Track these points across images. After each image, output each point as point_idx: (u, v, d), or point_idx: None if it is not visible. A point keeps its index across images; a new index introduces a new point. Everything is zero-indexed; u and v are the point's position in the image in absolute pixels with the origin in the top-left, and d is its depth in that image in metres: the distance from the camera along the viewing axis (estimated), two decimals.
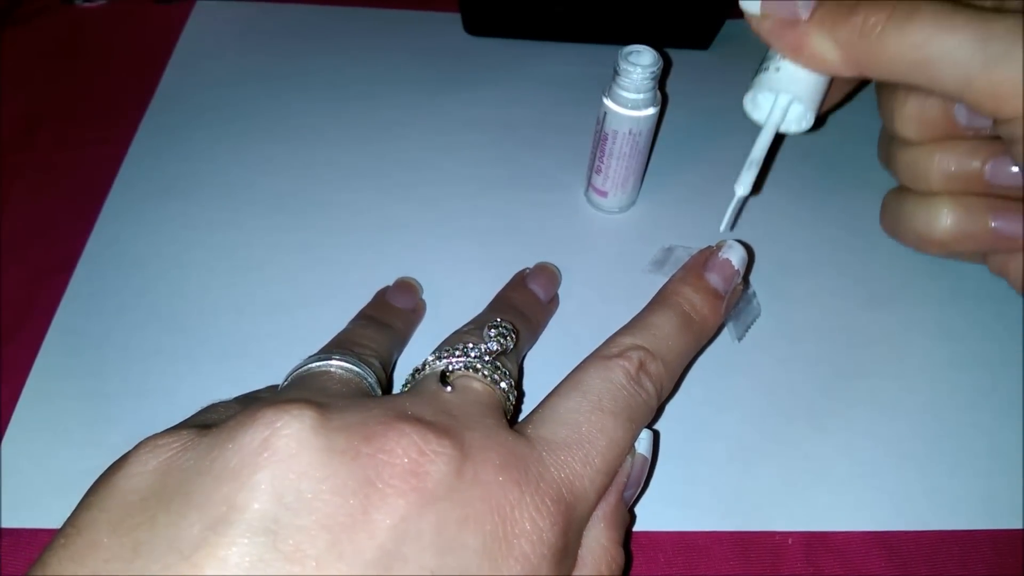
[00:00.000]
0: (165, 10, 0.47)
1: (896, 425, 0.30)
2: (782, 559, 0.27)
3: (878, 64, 0.25)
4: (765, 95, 0.29)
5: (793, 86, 0.27)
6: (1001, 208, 0.29)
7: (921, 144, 0.30)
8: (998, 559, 0.28)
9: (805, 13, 0.25)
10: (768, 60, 0.28)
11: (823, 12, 0.25)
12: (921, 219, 0.31)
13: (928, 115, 0.29)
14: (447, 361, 0.24)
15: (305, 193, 0.37)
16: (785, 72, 0.27)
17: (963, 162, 0.29)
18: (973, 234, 0.30)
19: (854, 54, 0.25)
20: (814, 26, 0.25)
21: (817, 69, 0.27)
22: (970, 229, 0.30)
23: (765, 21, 0.26)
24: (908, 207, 0.31)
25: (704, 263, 0.28)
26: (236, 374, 0.30)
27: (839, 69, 0.26)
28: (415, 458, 0.18)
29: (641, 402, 0.24)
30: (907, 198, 0.32)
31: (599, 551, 0.22)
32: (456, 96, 0.42)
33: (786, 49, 0.26)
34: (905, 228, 0.32)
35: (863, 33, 0.24)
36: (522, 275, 0.33)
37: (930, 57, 0.24)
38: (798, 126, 0.29)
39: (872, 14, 0.24)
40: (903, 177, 0.32)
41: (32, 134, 0.39)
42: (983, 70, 0.23)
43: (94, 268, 0.34)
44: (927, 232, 0.31)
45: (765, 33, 0.27)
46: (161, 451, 0.18)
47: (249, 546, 0.16)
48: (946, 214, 0.30)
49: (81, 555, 0.17)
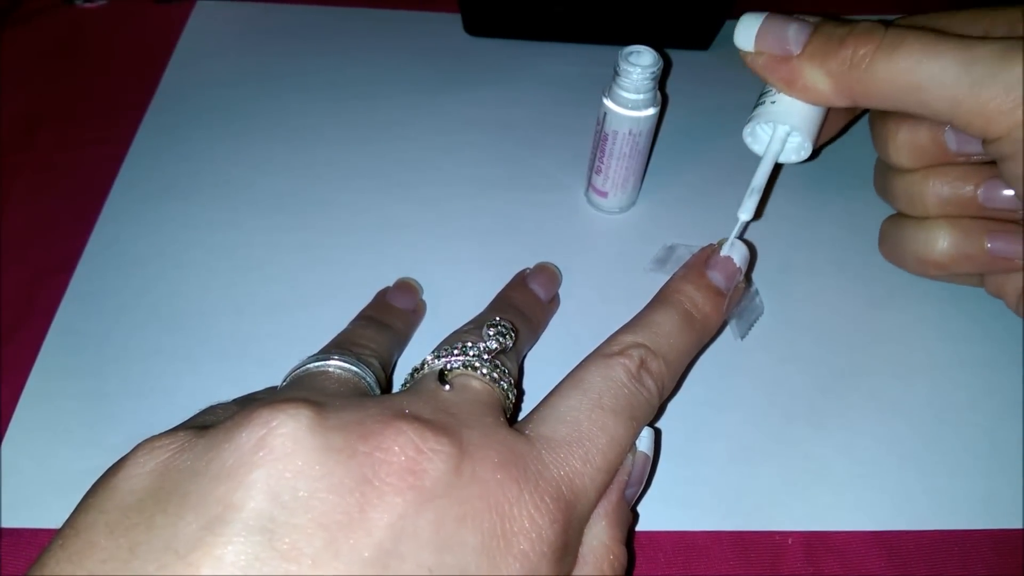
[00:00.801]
0: (165, 10, 0.47)
1: (896, 425, 0.30)
2: (782, 559, 0.27)
3: (869, 92, 0.26)
4: (763, 127, 0.30)
5: (790, 117, 0.28)
6: (997, 230, 0.30)
7: (915, 171, 0.31)
8: (998, 559, 0.27)
9: (797, 48, 0.27)
10: (765, 94, 0.29)
11: (814, 46, 0.26)
12: (919, 242, 0.31)
13: (919, 142, 0.30)
14: (446, 360, 0.24)
15: (305, 193, 0.37)
16: (781, 104, 0.28)
17: (956, 187, 0.30)
18: (970, 255, 0.30)
19: (846, 84, 0.26)
20: (806, 60, 0.27)
21: (811, 100, 0.28)
22: (967, 251, 0.30)
23: (759, 57, 0.27)
24: (906, 232, 0.32)
25: (706, 261, 0.28)
26: (236, 374, 0.30)
27: (832, 99, 0.27)
28: (412, 456, 0.18)
29: (642, 400, 0.24)
30: (905, 224, 0.32)
31: (601, 549, 0.22)
32: (456, 96, 0.42)
33: (780, 83, 0.28)
34: (904, 253, 0.33)
35: (853, 64, 0.26)
36: (522, 275, 0.33)
37: (918, 82, 0.25)
38: (797, 156, 0.30)
39: (861, 46, 0.25)
40: (900, 204, 0.32)
41: (32, 134, 0.39)
42: (970, 92, 0.24)
43: (94, 268, 0.34)
44: (925, 255, 0.31)
45: (759, 68, 0.28)
46: (159, 453, 0.18)
47: (245, 545, 0.16)
48: (943, 236, 0.31)
49: (78, 556, 0.17)
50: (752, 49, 0.27)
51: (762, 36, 0.27)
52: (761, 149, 0.30)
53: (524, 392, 0.29)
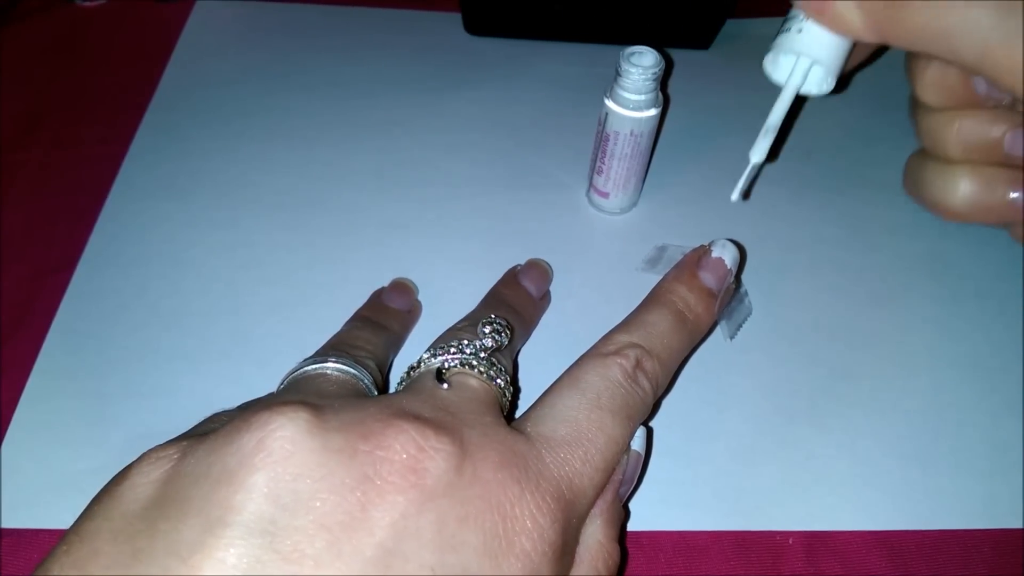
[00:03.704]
0: (165, 10, 0.47)
1: (896, 425, 0.30)
2: (782, 559, 0.27)
3: (899, 32, 0.25)
4: (786, 56, 0.28)
5: (815, 49, 0.26)
6: (1021, 180, 0.29)
7: (942, 111, 0.29)
8: (998, 559, 0.27)
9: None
10: (791, 20, 0.27)
11: None
12: (939, 187, 0.30)
13: (949, 82, 0.28)
14: (443, 358, 0.24)
15: (305, 193, 0.37)
16: (807, 34, 0.26)
17: (983, 131, 0.29)
18: (991, 206, 0.29)
19: (878, 20, 0.25)
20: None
21: (840, 32, 0.26)
22: (988, 201, 0.29)
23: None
24: (928, 173, 0.31)
25: (697, 262, 0.28)
26: (236, 374, 0.30)
27: (862, 34, 0.26)
28: (414, 454, 0.18)
29: (638, 400, 0.24)
30: (928, 163, 0.31)
31: (596, 548, 0.22)
32: (456, 96, 0.42)
33: (811, 9, 0.26)
34: (924, 193, 0.32)
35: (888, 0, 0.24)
36: (514, 271, 0.33)
37: (950, 27, 0.23)
38: (819, 89, 0.28)
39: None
40: (925, 142, 0.31)
41: (32, 134, 0.39)
42: (1001, 44, 0.23)
43: (94, 268, 0.34)
44: (944, 200, 0.30)
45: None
46: (163, 462, 0.19)
47: (246, 547, 0.16)
48: (964, 184, 0.30)
49: (82, 562, 0.17)
50: None
51: None
52: (782, 78, 0.28)
53: (520, 390, 0.29)
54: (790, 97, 0.28)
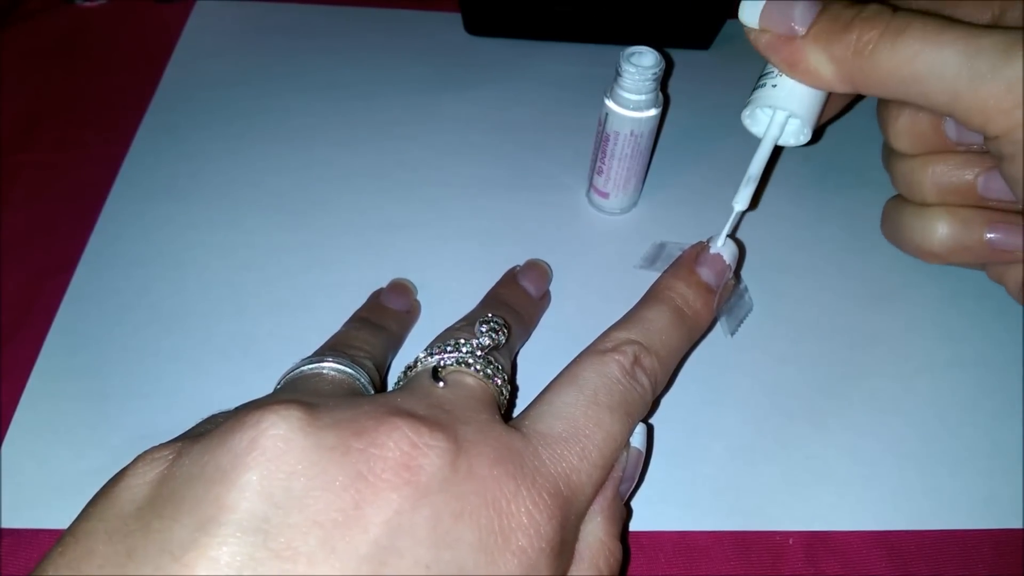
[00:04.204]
0: (165, 10, 0.47)
1: (896, 425, 0.30)
2: (782, 559, 0.27)
3: (871, 81, 0.25)
4: (763, 110, 0.29)
5: (790, 101, 0.27)
6: (997, 221, 0.29)
7: (915, 157, 0.30)
8: (998, 559, 0.27)
9: (802, 28, 0.26)
10: (765, 77, 0.28)
11: (819, 28, 0.26)
12: (917, 230, 0.31)
13: (920, 129, 0.29)
14: (439, 357, 0.24)
15: (305, 193, 0.37)
16: (782, 88, 0.27)
17: (956, 175, 0.29)
18: (969, 246, 0.30)
19: (848, 70, 0.25)
20: (810, 42, 0.26)
21: (812, 84, 0.27)
22: (966, 241, 0.30)
23: (763, 35, 0.27)
24: (906, 218, 0.32)
25: (696, 258, 0.28)
26: (236, 374, 0.30)
27: (834, 85, 0.26)
28: (407, 451, 0.18)
29: (637, 396, 0.24)
30: (905, 208, 0.32)
31: (597, 546, 0.22)
32: (456, 96, 0.42)
33: (782, 64, 0.27)
34: (902, 237, 0.32)
35: (857, 50, 0.25)
36: (513, 272, 0.33)
37: (918, 73, 0.24)
38: (796, 140, 0.29)
39: (865, 32, 0.25)
40: (900, 187, 0.32)
41: (32, 134, 0.39)
42: (969, 86, 0.23)
43: (94, 268, 0.34)
44: (923, 243, 0.31)
45: (763, 47, 0.27)
46: (158, 462, 0.19)
47: (239, 545, 0.16)
48: (942, 226, 0.30)
49: (77, 562, 0.17)
50: (757, 26, 0.26)
51: (768, 13, 0.26)
52: (760, 131, 0.29)
53: (519, 388, 0.29)
54: (768, 148, 0.28)
